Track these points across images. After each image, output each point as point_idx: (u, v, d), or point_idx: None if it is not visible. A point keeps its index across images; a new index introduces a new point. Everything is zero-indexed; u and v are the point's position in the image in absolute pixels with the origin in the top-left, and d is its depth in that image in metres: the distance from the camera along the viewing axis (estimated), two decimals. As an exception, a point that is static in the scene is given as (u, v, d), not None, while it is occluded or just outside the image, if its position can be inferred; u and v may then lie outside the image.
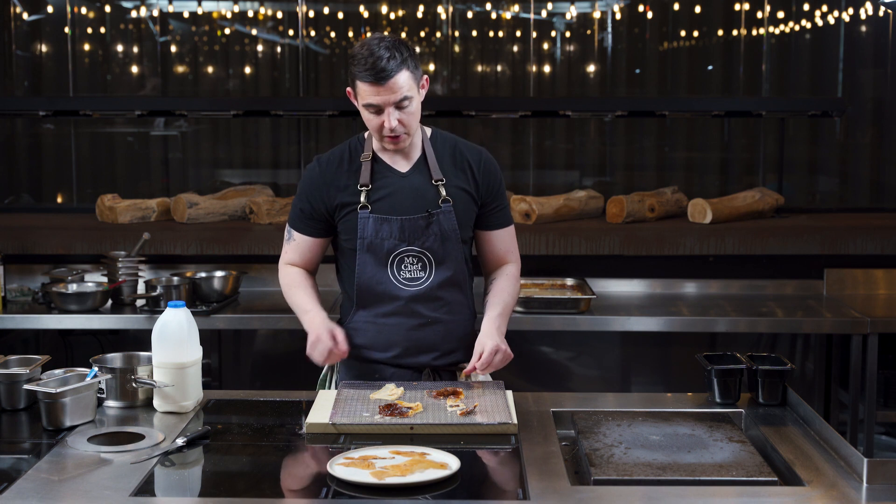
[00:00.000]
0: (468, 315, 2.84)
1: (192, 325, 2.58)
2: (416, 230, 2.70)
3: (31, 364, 2.63)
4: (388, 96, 2.58)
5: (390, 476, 2.07)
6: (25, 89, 6.32)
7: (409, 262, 2.72)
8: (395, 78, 2.57)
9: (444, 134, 2.83)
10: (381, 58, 2.55)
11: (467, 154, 2.78)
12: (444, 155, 2.77)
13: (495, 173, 2.81)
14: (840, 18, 6.15)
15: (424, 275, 2.73)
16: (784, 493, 2.07)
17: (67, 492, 2.05)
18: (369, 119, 2.65)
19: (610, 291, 4.64)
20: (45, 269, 4.52)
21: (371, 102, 2.60)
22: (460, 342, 2.81)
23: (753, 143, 6.19)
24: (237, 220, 5.08)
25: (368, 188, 2.71)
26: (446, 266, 2.73)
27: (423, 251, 2.71)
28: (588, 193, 5.19)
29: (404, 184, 2.73)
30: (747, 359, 2.70)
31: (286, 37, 6.33)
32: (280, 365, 5.07)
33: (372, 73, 2.56)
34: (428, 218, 2.70)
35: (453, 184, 2.74)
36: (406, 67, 2.59)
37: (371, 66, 2.55)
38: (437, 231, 2.69)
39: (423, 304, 2.73)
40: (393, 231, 2.69)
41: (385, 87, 2.57)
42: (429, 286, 2.73)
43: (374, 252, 2.71)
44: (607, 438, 2.36)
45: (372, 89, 2.58)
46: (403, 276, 2.73)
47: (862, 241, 4.75)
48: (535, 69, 6.29)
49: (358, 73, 2.59)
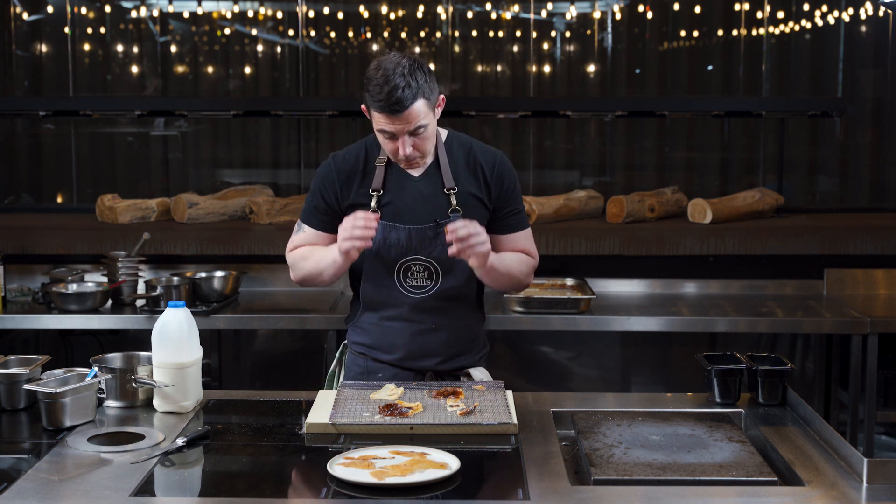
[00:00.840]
0: (475, 320, 2.84)
1: (192, 325, 2.58)
2: (423, 239, 2.69)
3: (31, 364, 2.63)
4: (402, 126, 2.55)
5: (390, 476, 2.07)
6: (25, 89, 6.32)
7: (416, 270, 2.71)
8: (410, 109, 2.53)
9: (460, 136, 2.80)
10: (396, 87, 2.49)
11: (481, 158, 2.75)
12: (459, 159, 2.74)
13: (509, 178, 2.76)
14: (840, 18, 6.15)
15: (430, 283, 2.72)
16: (784, 493, 2.07)
17: (67, 492, 2.05)
18: (384, 142, 2.63)
19: (610, 291, 4.64)
20: (45, 269, 4.52)
21: (385, 129, 2.58)
22: (465, 347, 2.81)
23: (753, 143, 6.19)
24: (237, 220, 5.07)
25: (380, 193, 2.70)
26: (454, 275, 2.73)
27: (429, 260, 2.70)
28: (588, 193, 5.19)
29: (415, 190, 2.70)
30: (747, 359, 2.70)
31: (286, 37, 6.33)
32: (280, 365, 5.07)
33: (386, 105, 2.51)
34: (436, 228, 2.69)
35: (465, 190, 2.72)
36: (422, 96, 2.54)
37: (386, 96, 2.50)
38: (444, 241, 2.64)
39: (427, 311, 2.73)
40: (400, 239, 2.68)
41: (400, 118, 2.54)
42: (434, 294, 2.73)
43: (381, 258, 2.70)
44: (607, 438, 2.36)
45: (386, 119, 2.55)
46: (409, 284, 2.72)
47: (862, 241, 4.75)
48: (535, 69, 6.29)
49: (372, 101, 2.54)
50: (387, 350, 2.78)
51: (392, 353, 2.78)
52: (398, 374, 2.79)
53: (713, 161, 6.30)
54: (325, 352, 4.17)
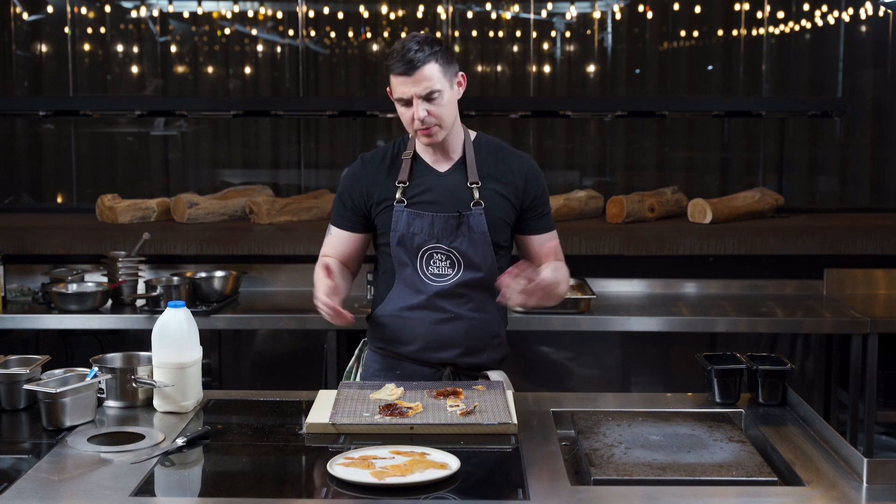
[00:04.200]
0: (496, 315, 2.84)
1: (192, 325, 2.58)
2: (446, 228, 2.72)
3: (31, 364, 2.63)
4: (415, 88, 2.63)
5: (390, 476, 2.07)
6: (25, 89, 6.32)
7: (438, 258, 2.75)
8: (423, 69, 2.62)
9: (488, 138, 2.86)
10: (410, 49, 2.62)
11: (510, 160, 2.81)
12: (487, 159, 2.79)
13: (539, 182, 2.82)
14: (840, 18, 6.15)
15: (452, 272, 2.76)
16: (784, 493, 2.07)
17: (67, 492, 2.05)
18: (402, 113, 2.70)
19: (610, 291, 4.64)
20: (45, 269, 4.51)
21: (401, 96, 2.66)
22: (486, 342, 2.82)
23: (753, 143, 6.19)
24: (237, 220, 5.08)
25: (406, 185, 2.75)
26: (476, 267, 2.75)
27: (450, 250, 2.74)
28: (588, 193, 5.19)
29: (441, 183, 2.76)
30: (747, 359, 2.70)
31: (286, 37, 6.33)
32: (280, 365, 5.07)
33: (401, 64, 2.62)
34: (459, 218, 2.72)
35: (490, 188, 2.76)
36: (435, 60, 2.64)
37: (399, 57, 2.63)
38: (466, 232, 2.72)
39: (447, 299, 2.75)
40: (424, 227, 2.72)
41: (412, 79, 2.62)
42: (454, 283, 2.75)
43: (404, 245, 2.74)
44: (607, 438, 2.36)
45: (400, 80, 2.64)
46: (431, 272, 2.76)
47: (862, 241, 4.75)
48: (535, 69, 6.29)
49: (391, 64, 2.66)
50: (406, 341, 2.80)
51: (411, 344, 2.79)
52: (417, 371, 2.80)
53: (713, 161, 6.30)
54: (325, 352, 4.17)
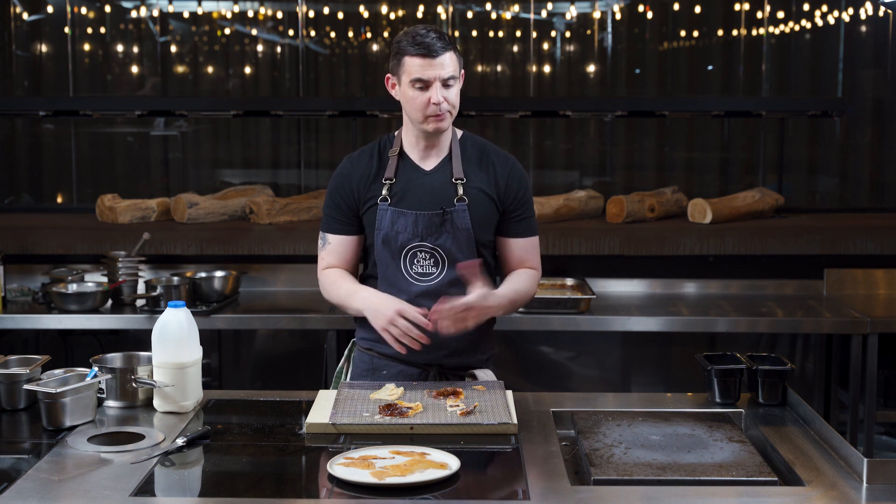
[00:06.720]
0: None
1: (192, 325, 2.58)
2: (430, 226, 2.72)
3: (31, 364, 2.63)
4: (437, 71, 2.65)
5: (390, 476, 2.07)
6: (25, 89, 6.31)
7: (422, 257, 2.75)
8: (444, 55, 2.66)
9: (474, 137, 2.87)
10: (431, 33, 2.67)
11: (495, 159, 2.82)
12: (472, 157, 2.80)
13: (522, 183, 2.83)
14: (840, 18, 6.15)
15: (436, 271, 2.75)
16: (784, 493, 2.07)
17: (67, 492, 2.05)
18: (414, 97, 2.68)
19: (610, 291, 4.65)
20: (45, 269, 4.52)
21: (420, 77, 2.66)
22: (472, 342, 2.81)
23: (753, 143, 6.19)
24: (237, 220, 5.07)
25: (392, 182, 2.75)
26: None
27: (435, 248, 2.73)
28: (588, 193, 5.19)
29: (425, 181, 2.77)
30: (747, 359, 2.70)
31: (286, 37, 6.33)
32: (280, 365, 5.07)
33: (424, 47, 2.65)
34: (442, 215, 2.72)
35: (475, 185, 2.77)
36: (453, 49, 2.69)
37: (422, 41, 2.65)
38: (450, 229, 2.72)
39: (432, 300, 2.73)
40: (407, 225, 2.72)
41: (435, 62, 2.65)
42: (439, 283, 2.74)
43: (388, 244, 2.74)
44: (607, 438, 2.36)
45: (422, 62, 2.65)
46: (415, 271, 2.75)
47: (862, 241, 4.75)
48: (535, 69, 6.29)
49: (408, 48, 2.67)
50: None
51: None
52: (403, 372, 2.79)
53: (713, 161, 6.29)
54: (325, 352, 4.17)
